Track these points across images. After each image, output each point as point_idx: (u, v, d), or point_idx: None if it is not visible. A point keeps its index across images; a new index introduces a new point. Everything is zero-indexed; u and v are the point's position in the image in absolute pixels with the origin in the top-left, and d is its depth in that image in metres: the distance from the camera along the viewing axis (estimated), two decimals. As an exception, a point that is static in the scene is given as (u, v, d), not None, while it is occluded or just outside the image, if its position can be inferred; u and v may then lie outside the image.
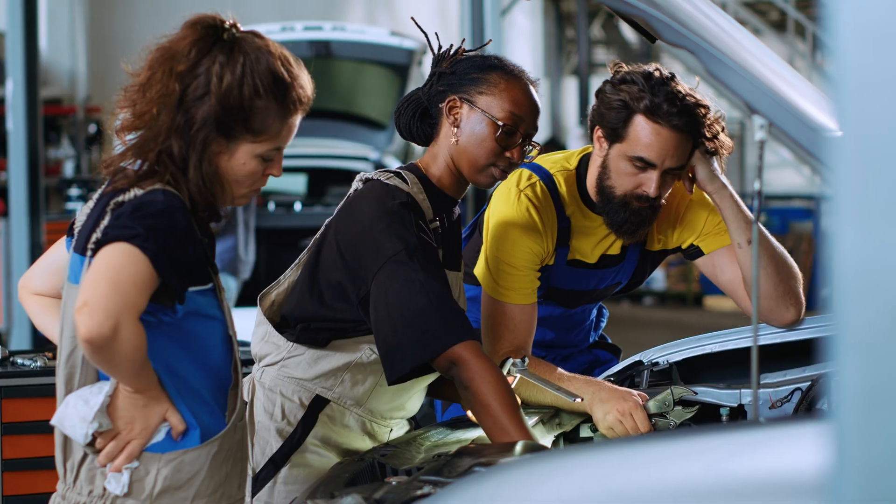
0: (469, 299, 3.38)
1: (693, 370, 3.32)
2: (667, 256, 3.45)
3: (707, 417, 3.20)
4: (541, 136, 18.88)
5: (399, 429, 3.06)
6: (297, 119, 2.46)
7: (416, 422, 3.25)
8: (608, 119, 3.14)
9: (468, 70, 2.91)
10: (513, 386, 3.01)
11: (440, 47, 2.96)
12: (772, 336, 3.24)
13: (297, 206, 9.01)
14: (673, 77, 3.13)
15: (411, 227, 2.76)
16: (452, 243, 2.99)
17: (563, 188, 3.26)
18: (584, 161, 3.28)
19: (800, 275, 3.28)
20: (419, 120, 2.97)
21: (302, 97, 2.44)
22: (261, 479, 2.91)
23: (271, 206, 8.81)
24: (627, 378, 3.30)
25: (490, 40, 3.92)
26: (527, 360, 3.05)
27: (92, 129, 11.34)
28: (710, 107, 3.13)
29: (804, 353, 3.23)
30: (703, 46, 2.04)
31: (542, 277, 3.28)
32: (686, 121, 3.08)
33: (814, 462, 1.86)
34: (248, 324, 3.04)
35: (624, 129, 3.11)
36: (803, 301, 3.27)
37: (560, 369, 3.18)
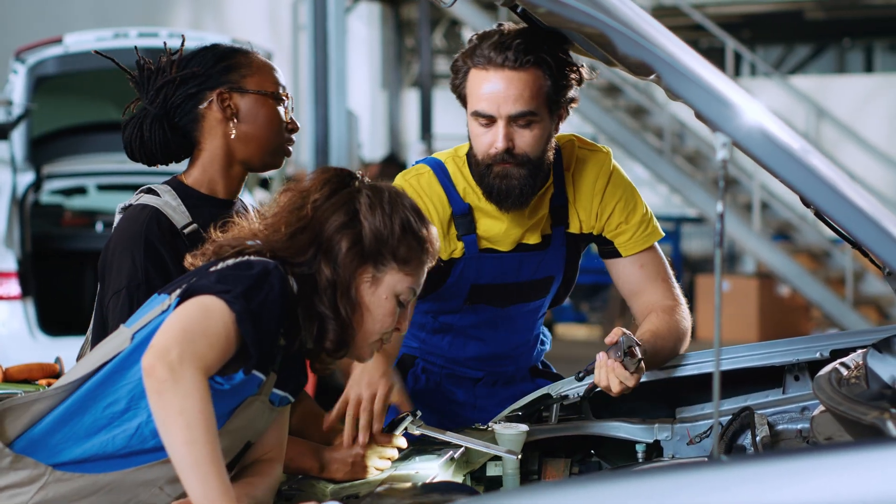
0: None
1: (604, 404, 3.32)
2: (590, 242, 3.43)
3: (622, 454, 3.23)
4: (378, 152, 18.68)
5: None
6: (426, 269, 2.61)
7: None
8: (455, 85, 3.20)
9: (210, 63, 2.94)
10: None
11: (144, 62, 2.95)
12: (688, 368, 3.26)
13: None
14: (504, 27, 3.13)
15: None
16: None
17: (456, 174, 3.27)
18: None
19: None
20: (171, 134, 2.94)
21: (434, 244, 2.62)
22: None
23: (99, 226, 8.56)
24: (536, 412, 3.29)
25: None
26: (419, 413, 3.01)
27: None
28: (563, 48, 3.11)
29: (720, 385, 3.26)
30: (665, 60, 2.06)
31: (462, 275, 3.28)
32: (516, 55, 3.06)
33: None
34: None
35: (464, 88, 3.16)
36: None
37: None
